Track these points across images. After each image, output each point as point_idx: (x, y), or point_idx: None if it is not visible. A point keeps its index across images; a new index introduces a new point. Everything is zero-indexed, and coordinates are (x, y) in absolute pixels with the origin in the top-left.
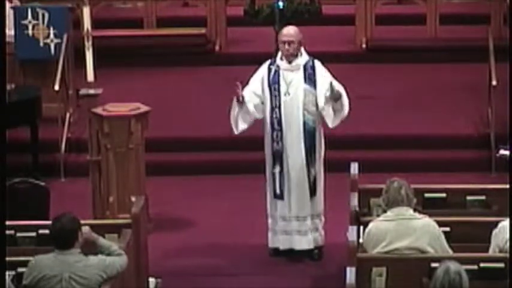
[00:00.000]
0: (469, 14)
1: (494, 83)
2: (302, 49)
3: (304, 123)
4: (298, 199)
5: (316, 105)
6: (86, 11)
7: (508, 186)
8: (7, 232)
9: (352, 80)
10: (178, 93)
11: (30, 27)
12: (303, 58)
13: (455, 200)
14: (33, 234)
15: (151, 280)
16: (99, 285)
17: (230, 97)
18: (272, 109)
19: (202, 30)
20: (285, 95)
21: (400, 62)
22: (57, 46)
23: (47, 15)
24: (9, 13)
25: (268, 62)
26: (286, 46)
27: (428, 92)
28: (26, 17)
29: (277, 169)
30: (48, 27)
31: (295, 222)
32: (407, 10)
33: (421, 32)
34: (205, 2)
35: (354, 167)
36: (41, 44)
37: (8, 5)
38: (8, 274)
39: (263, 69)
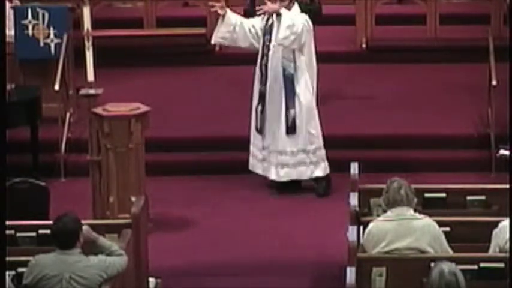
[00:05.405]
0: (469, 14)
1: (494, 83)
2: (294, 5)
3: (284, 69)
4: (274, 134)
5: (293, 52)
6: (86, 11)
7: (508, 186)
8: (7, 232)
9: (352, 80)
10: (178, 93)
11: (30, 27)
12: (292, 12)
13: (455, 200)
14: (33, 234)
15: (151, 280)
16: (99, 285)
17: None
18: (262, 55)
19: (202, 30)
20: (273, 46)
21: (400, 62)
22: (57, 46)
23: (47, 15)
24: (9, 13)
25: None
26: (269, 4)
27: (428, 92)
28: (26, 17)
29: (259, 108)
30: (48, 27)
31: (274, 155)
32: (407, 10)
33: (421, 32)
34: (205, 2)
35: (354, 167)
36: (41, 44)
37: (8, 5)
38: (8, 274)
39: (263, 18)
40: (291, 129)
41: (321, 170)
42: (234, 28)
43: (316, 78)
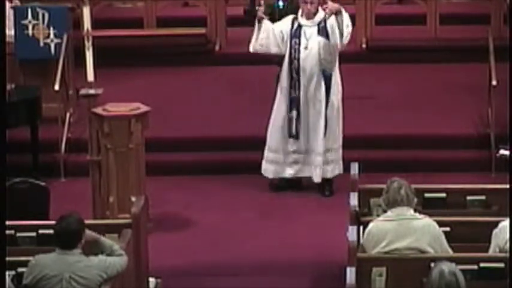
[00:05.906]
0: (469, 14)
1: (494, 83)
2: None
3: (324, 70)
4: (312, 136)
5: (331, 53)
6: (86, 11)
7: (508, 186)
8: (7, 232)
9: (352, 80)
10: (178, 93)
11: (30, 27)
12: (320, 15)
13: (455, 200)
14: (33, 234)
15: (151, 280)
16: (99, 285)
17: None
18: (291, 60)
19: (202, 30)
20: (305, 48)
21: (400, 62)
22: (57, 46)
23: (47, 15)
24: (9, 13)
25: (292, 16)
26: (308, 6)
27: (428, 92)
28: (26, 17)
29: (294, 113)
30: (48, 27)
31: (314, 157)
32: (407, 10)
33: (421, 32)
34: (205, 2)
35: (354, 167)
36: (41, 44)
37: (8, 5)
38: (8, 274)
39: (288, 21)
40: (326, 129)
41: (339, 168)
42: (269, 34)
43: None
